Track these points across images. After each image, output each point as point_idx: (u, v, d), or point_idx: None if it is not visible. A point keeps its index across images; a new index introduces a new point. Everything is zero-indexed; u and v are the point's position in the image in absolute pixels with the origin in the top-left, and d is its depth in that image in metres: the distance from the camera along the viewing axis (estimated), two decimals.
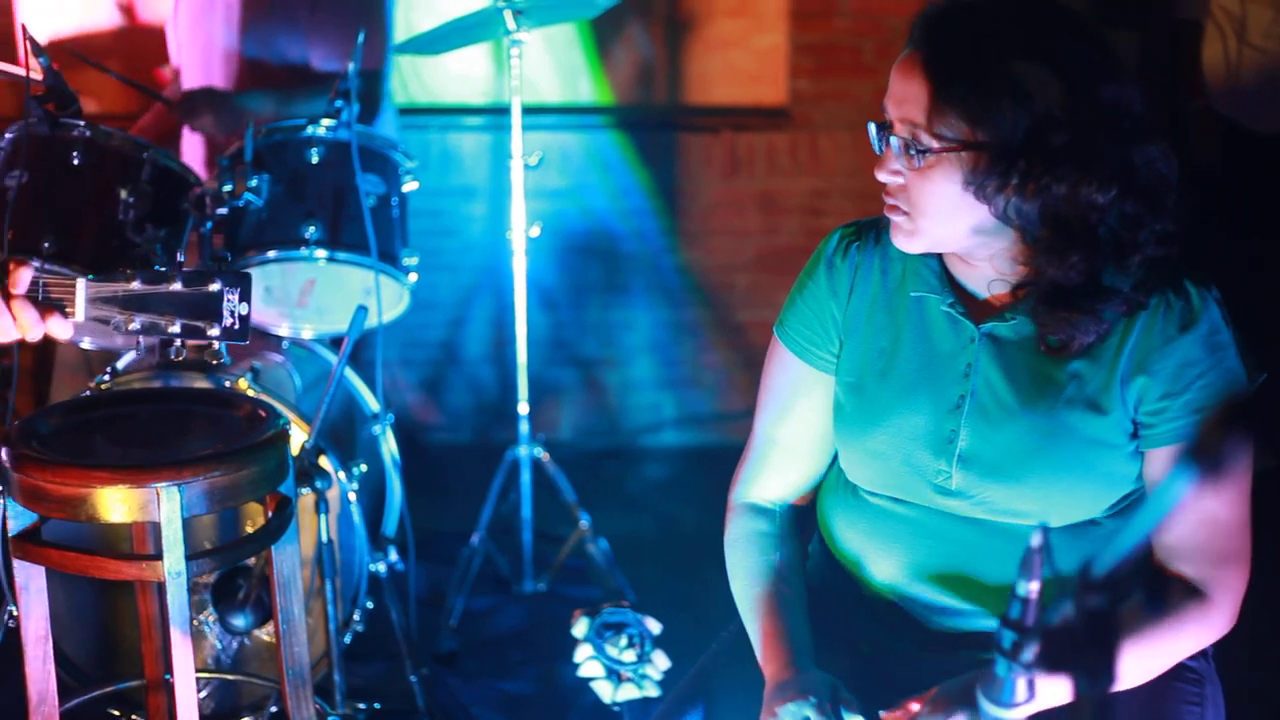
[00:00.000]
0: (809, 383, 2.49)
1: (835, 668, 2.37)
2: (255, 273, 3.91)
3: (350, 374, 4.28)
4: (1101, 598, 1.39)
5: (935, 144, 2.18)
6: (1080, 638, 1.40)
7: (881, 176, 2.27)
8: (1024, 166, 2.14)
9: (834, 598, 2.56)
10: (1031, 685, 1.82)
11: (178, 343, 2.48)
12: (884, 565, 2.42)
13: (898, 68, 2.24)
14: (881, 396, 2.40)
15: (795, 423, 2.52)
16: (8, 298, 2.39)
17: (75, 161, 3.82)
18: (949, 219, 2.22)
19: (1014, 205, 2.16)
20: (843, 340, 2.46)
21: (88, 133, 3.84)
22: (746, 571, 2.50)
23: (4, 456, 2.77)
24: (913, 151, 2.20)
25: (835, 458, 2.53)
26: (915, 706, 2.22)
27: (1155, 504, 1.32)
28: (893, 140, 2.23)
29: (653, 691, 3.38)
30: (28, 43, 3.87)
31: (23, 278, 2.39)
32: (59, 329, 2.46)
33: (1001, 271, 2.29)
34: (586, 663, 3.40)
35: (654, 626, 3.44)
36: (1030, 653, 1.72)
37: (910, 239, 2.27)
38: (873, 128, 2.27)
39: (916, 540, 2.38)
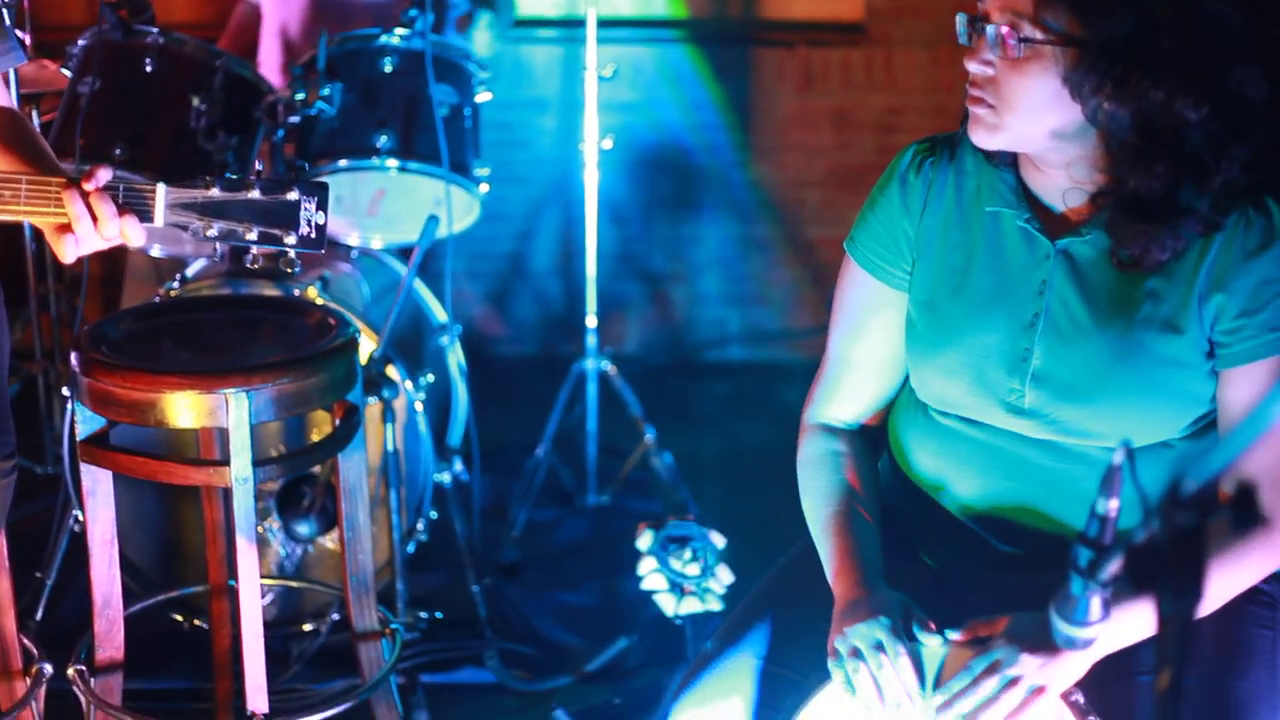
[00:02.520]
0: (881, 300, 2.46)
1: (904, 586, 2.36)
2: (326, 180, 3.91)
3: (418, 284, 4.28)
4: (1190, 516, 1.36)
5: (1039, 34, 2.14)
6: (1167, 556, 1.38)
7: (972, 66, 2.21)
8: (1124, 68, 2.10)
9: (904, 517, 2.54)
10: (1106, 605, 1.81)
11: (253, 250, 2.47)
12: (955, 486, 2.40)
13: None
14: (954, 314, 2.37)
15: (868, 341, 2.49)
16: (86, 198, 2.38)
17: (148, 69, 3.82)
18: (1036, 116, 2.18)
19: (1107, 107, 2.12)
20: (915, 257, 2.43)
21: (161, 40, 3.83)
22: (818, 491, 2.48)
23: (73, 361, 2.78)
24: (1013, 41, 2.15)
25: (908, 377, 2.50)
26: (985, 633, 2.21)
27: (1249, 424, 1.29)
28: (989, 30, 2.18)
29: (715, 606, 3.40)
30: None
31: (100, 176, 2.38)
32: (135, 234, 2.45)
33: (1078, 180, 2.25)
34: (650, 575, 3.42)
35: (718, 541, 3.46)
36: (1107, 571, 1.71)
37: (991, 134, 2.23)
38: (962, 19, 2.22)
39: (988, 462, 2.36)
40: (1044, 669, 2.11)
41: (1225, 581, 2.22)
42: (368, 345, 3.58)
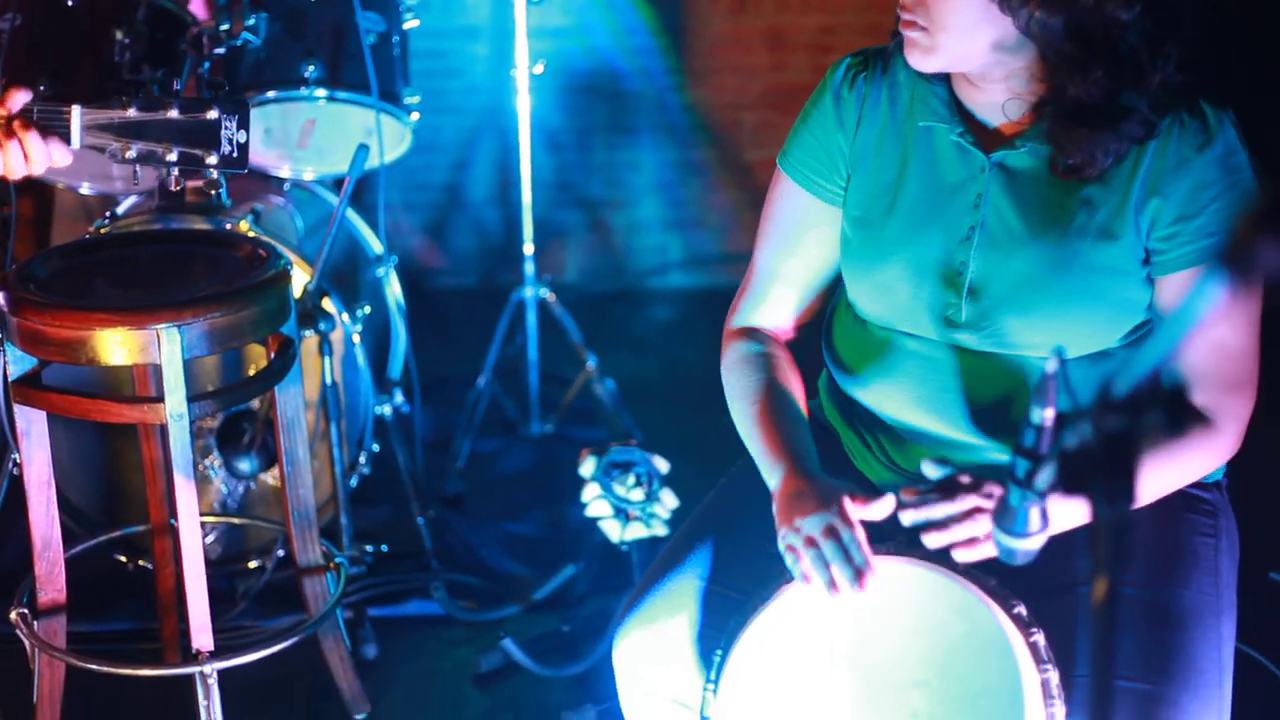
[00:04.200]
0: (814, 215, 2.46)
1: None
2: (254, 113, 3.86)
3: (353, 216, 4.24)
4: (1121, 419, 1.36)
5: None
6: (1099, 459, 1.38)
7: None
8: None
9: (844, 433, 2.54)
10: (1045, 515, 1.81)
11: (175, 172, 2.44)
12: (894, 399, 2.40)
13: None
14: (890, 229, 2.36)
15: (799, 255, 2.49)
16: (6, 124, 2.35)
17: (69, 2, 3.76)
18: (970, 33, 2.16)
19: (1039, 16, 2.11)
20: (850, 173, 2.42)
21: None
22: (743, 390, 2.46)
23: (1, 300, 2.74)
24: None
25: (840, 292, 2.50)
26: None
27: (1175, 324, 1.29)
28: None
29: (661, 530, 3.40)
30: None
31: (17, 99, 2.35)
32: (60, 154, 2.42)
33: (1017, 92, 2.24)
34: (594, 502, 3.42)
35: (662, 465, 3.46)
36: (1044, 480, 1.71)
37: (927, 55, 2.21)
38: None
39: (926, 373, 2.36)
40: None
41: (1164, 479, 2.24)
42: (302, 278, 3.54)
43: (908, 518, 2.14)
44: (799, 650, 2.18)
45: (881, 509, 2.19)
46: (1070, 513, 2.10)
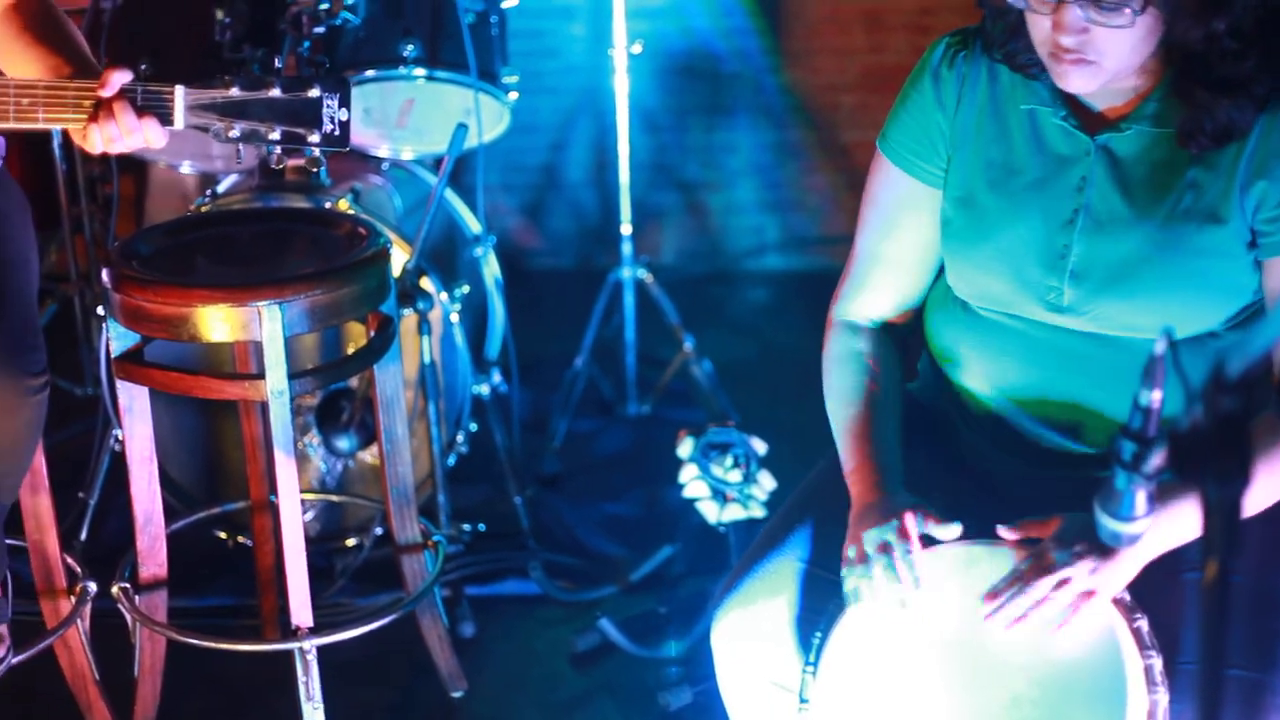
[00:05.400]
0: (915, 197, 2.43)
1: (945, 485, 2.34)
2: (354, 93, 3.87)
3: (451, 196, 4.25)
4: (1234, 400, 1.33)
5: None
6: (1210, 440, 1.35)
7: (1068, 40, 2.13)
8: None
9: (944, 416, 2.52)
10: (1151, 499, 1.78)
11: (277, 150, 2.45)
12: (995, 381, 2.37)
13: None
14: (991, 211, 2.33)
15: (899, 238, 2.46)
16: (104, 103, 2.37)
17: None
18: (1136, 51, 2.13)
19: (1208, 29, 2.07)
20: (950, 153, 2.39)
21: None
22: (841, 391, 2.46)
23: (105, 277, 2.77)
24: (1132, 9, 2.08)
25: (940, 274, 2.47)
26: (1035, 534, 2.18)
27: None
28: (1079, 11, 2.11)
29: (758, 512, 3.38)
30: None
31: (115, 79, 2.37)
32: (155, 135, 2.44)
33: (1127, 77, 2.19)
34: (692, 483, 3.41)
35: (759, 447, 3.44)
36: (1151, 464, 1.68)
37: (1092, 81, 2.16)
38: None
39: (1028, 355, 2.33)
40: (1095, 573, 2.08)
41: (1274, 479, 2.19)
42: (401, 257, 3.56)
43: (997, 621, 2.13)
44: (898, 633, 2.16)
45: (948, 533, 2.21)
46: (1185, 521, 2.08)
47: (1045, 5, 2.11)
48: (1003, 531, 2.20)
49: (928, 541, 2.21)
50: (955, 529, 2.20)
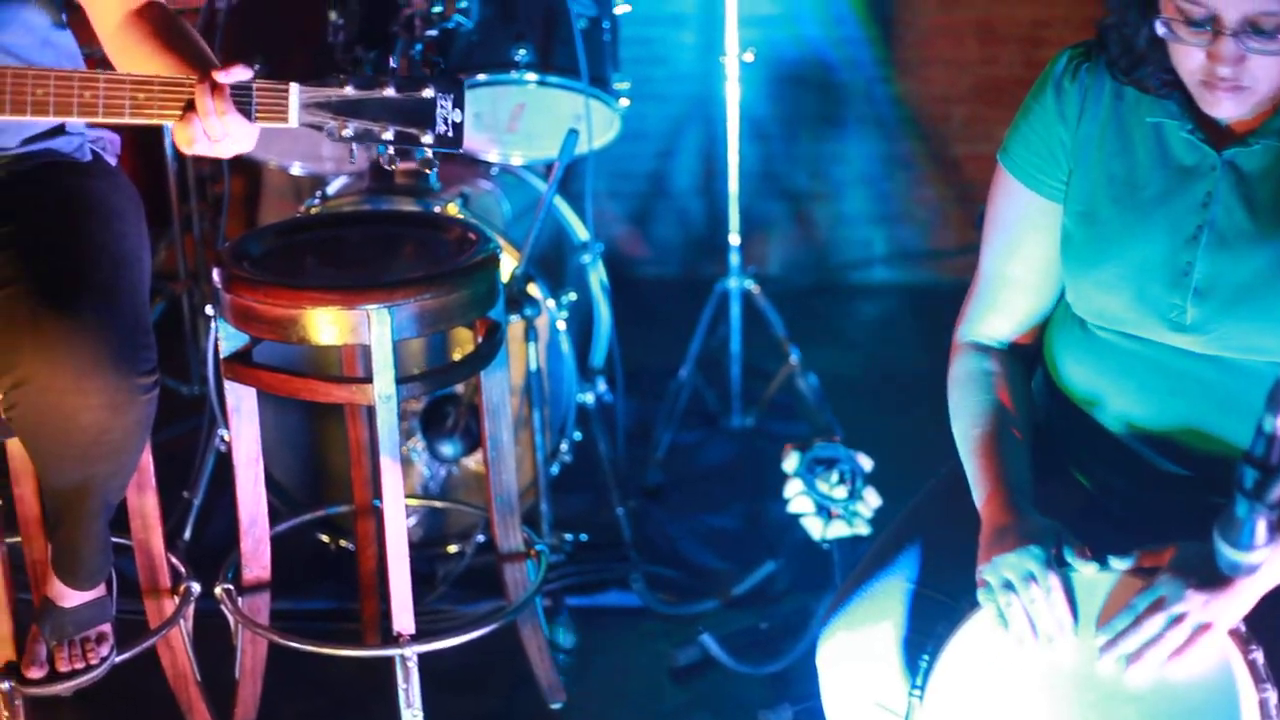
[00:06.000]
0: (1037, 212, 2.38)
1: (1059, 508, 2.29)
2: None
3: (559, 203, 4.24)
4: None
5: None
6: None
7: (1225, 70, 2.07)
8: None
9: (1059, 436, 2.47)
10: (1273, 528, 1.73)
11: (390, 150, 2.44)
12: (1113, 403, 2.32)
13: None
14: (1113, 226, 2.29)
15: (1023, 255, 2.42)
16: (216, 93, 2.37)
17: None
18: None
19: None
20: (1072, 167, 2.34)
21: None
22: (968, 411, 2.42)
23: (215, 277, 2.77)
24: None
25: (1063, 291, 2.42)
26: (1150, 564, 2.13)
27: None
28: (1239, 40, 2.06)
29: (863, 529, 3.34)
30: None
31: (236, 72, 2.37)
32: (242, 133, 2.44)
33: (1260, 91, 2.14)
34: (796, 498, 3.37)
35: (865, 463, 3.40)
36: (1274, 493, 1.63)
37: (1244, 106, 2.12)
38: (1184, 28, 2.10)
39: (1148, 377, 2.28)
40: (1210, 605, 2.03)
41: None
42: (509, 263, 3.54)
43: (1112, 656, 2.08)
44: (1008, 658, 2.12)
45: (1088, 569, 2.14)
46: None
47: (1200, 37, 2.06)
48: (1116, 564, 2.15)
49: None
50: (1094, 565, 2.14)
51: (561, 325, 3.79)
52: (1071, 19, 5.88)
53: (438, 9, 3.78)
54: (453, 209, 3.67)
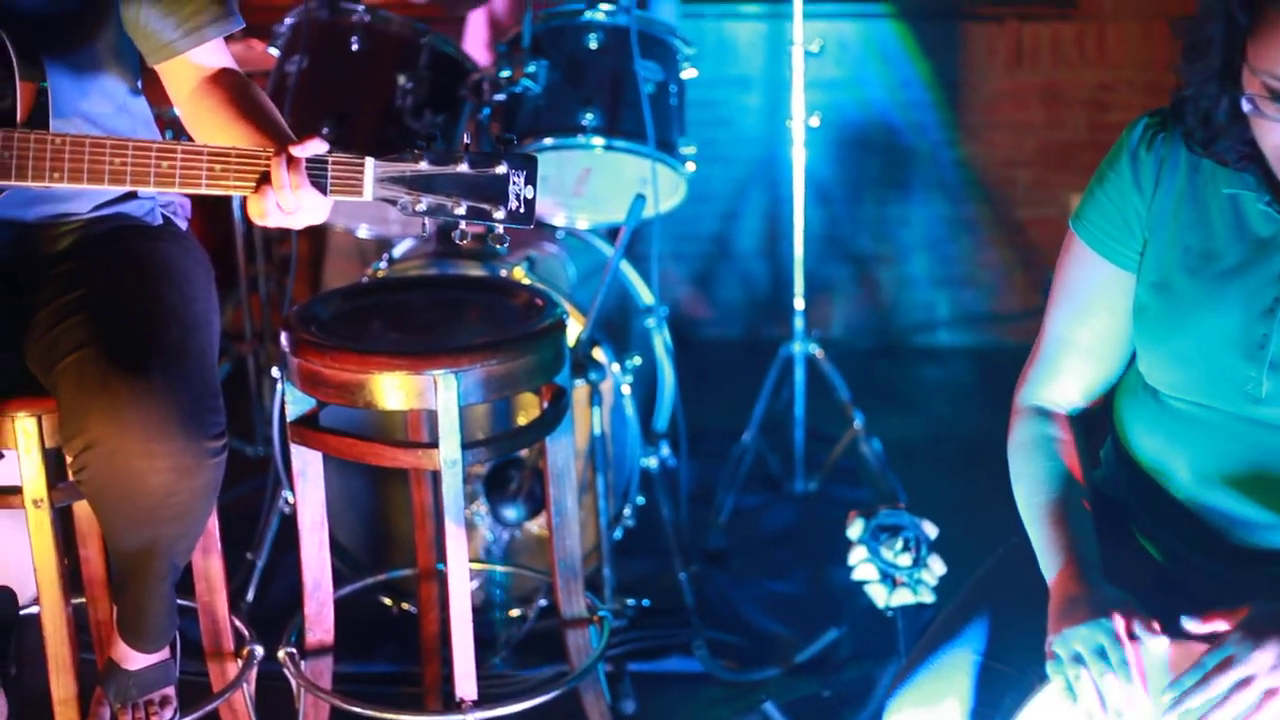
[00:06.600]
0: (1108, 280, 2.37)
1: (1127, 580, 2.26)
2: None
3: (624, 266, 4.24)
4: None
5: None
6: None
7: None
8: None
9: (1128, 506, 2.45)
10: None
11: (462, 225, 2.44)
12: (1185, 473, 2.30)
13: None
14: (1188, 297, 2.27)
15: (1091, 322, 2.40)
16: (291, 165, 2.38)
17: (354, 47, 3.84)
18: None
19: None
20: (1147, 237, 2.33)
21: (367, 17, 3.85)
22: (1031, 477, 2.39)
23: (284, 341, 2.78)
24: None
25: (1133, 359, 2.40)
26: (1223, 625, 2.10)
27: None
28: None
29: (928, 597, 3.31)
30: None
31: (312, 145, 2.38)
32: (316, 205, 2.44)
33: None
34: (861, 565, 3.35)
35: (930, 530, 3.37)
36: None
37: None
38: (1271, 105, 2.09)
39: (1221, 447, 2.25)
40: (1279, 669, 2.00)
41: None
42: (575, 327, 3.55)
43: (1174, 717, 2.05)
44: None
45: (1158, 645, 2.11)
46: None
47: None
48: (1188, 625, 2.12)
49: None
50: (1164, 641, 2.12)
51: (626, 389, 3.79)
52: (1136, 83, 5.87)
53: (506, 74, 3.81)
54: (519, 273, 3.68)
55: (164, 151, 2.44)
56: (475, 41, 4.78)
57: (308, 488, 2.88)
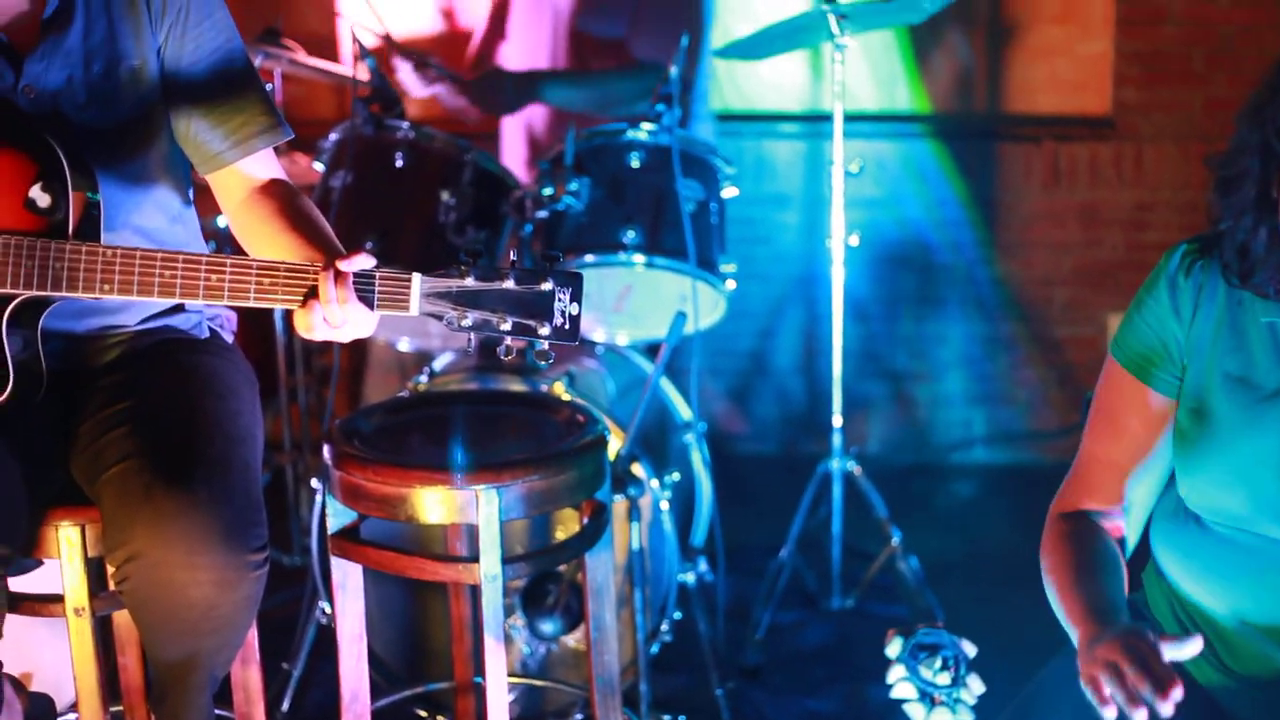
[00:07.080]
0: (1145, 404, 2.38)
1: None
2: None
3: (663, 382, 4.25)
4: None
5: None
6: None
7: None
8: None
9: (1170, 629, 2.43)
10: None
11: (507, 341, 2.46)
12: (1226, 597, 2.30)
13: None
14: (1227, 423, 2.27)
15: (1126, 443, 2.41)
16: (339, 280, 2.40)
17: (398, 163, 3.88)
18: None
19: None
20: (1186, 364, 2.33)
21: (411, 134, 3.89)
22: (1060, 558, 2.38)
23: (326, 454, 2.80)
24: None
25: (1170, 482, 2.40)
26: None
27: None
28: None
29: (966, 716, 3.28)
30: (355, 45, 3.94)
31: (359, 260, 2.40)
32: (362, 320, 2.46)
33: None
34: (899, 684, 3.31)
35: (969, 649, 3.35)
36: None
37: None
38: None
39: (1264, 574, 2.26)
40: None
41: None
42: (614, 442, 3.56)
43: None
44: None
45: (1193, 647, 2.07)
46: None
47: None
48: None
49: None
50: (1197, 642, 2.08)
51: (664, 505, 3.79)
52: (1175, 202, 5.89)
53: (548, 191, 3.84)
54: (559, 388, 3.70)
55: (213, 265, 2.47)
56: (513, 157, 4.83)
57: (348, 600, 2.88)
